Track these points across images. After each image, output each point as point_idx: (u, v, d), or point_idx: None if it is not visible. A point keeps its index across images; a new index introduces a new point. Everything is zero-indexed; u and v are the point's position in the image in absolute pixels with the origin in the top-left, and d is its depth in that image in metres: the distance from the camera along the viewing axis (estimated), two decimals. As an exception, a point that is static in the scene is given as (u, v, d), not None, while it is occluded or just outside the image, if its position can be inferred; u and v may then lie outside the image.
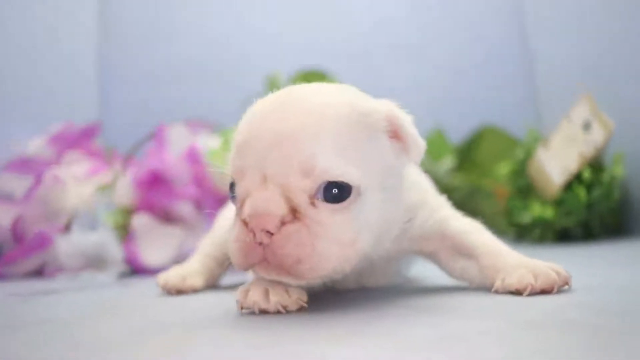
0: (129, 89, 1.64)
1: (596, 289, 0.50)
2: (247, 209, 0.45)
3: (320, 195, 0.45)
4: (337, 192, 0.46)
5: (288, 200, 0.45)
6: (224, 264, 0.76)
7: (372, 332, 0.39)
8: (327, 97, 0.49)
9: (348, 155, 0.46)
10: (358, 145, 0.47)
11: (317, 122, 0.46)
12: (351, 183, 0.46)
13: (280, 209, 0.44)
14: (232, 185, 0.49)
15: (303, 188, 0.45)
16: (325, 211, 0.46)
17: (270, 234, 0.45)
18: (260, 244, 0.45)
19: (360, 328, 0.40)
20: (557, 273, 0.49)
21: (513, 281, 0.49)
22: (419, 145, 0.50)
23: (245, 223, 0.46)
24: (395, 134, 0.49)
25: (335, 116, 0.47)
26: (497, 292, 0.50)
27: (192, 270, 0.71)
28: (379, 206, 0.48)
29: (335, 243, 0.46)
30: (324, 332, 0.40)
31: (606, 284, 0.54)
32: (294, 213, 0.45)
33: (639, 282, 0.56)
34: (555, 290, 0.48)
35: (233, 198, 0.49)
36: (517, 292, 0.48)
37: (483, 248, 0.54)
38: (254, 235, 0.45)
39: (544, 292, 0.48)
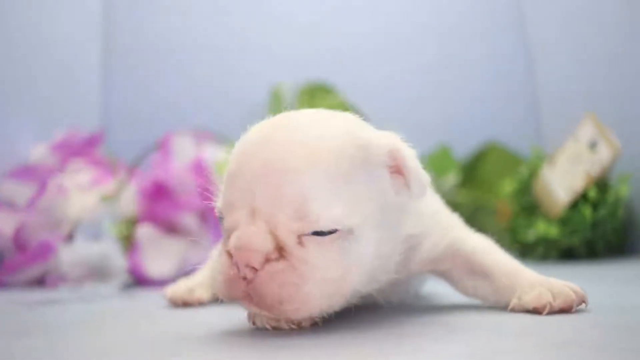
0: (133, 98, 1.64)
1: (609, 308, 0.50)
2: (232, 241, 0.44)
3: (309, 233, 0.44)
4: (326, 232, 0.44)
5: (275, 237, 0.44)
6: None
7: (392, 351, 0.39)
8: (324, 128, 0.47)
9: (340, 194, 0.44)
10: (354, 182, 0.45)
11: (310, 156, 0.44)
12: (342, 228, 0.44)
13: (265, 245, 0.43)
14: (221, 217, 0.48)
15: (292, 229, 0.44)
16: (313, 249, 0.44)
17: (254, 269, 0.43)
18: (244, 278, 0.44)
19: (379, 347, 0.40)
20: (575, 292, 0.48)
21: (531, 300, 0.48)
22: (422, 181, 0.48)
23: (230, 255, 0.45)
24: (397, 169, 0.48)
25: (330, 150, 0.45)
26: (513, 310, 0.50)
27: (199, 283, 0.71)
28: (374, 244, 0.46)
29: (323, 283, 0.44)
30: (340, 350, 0.39)
31: (618, 303, 0.54)
32: (280, 250, 0.44)
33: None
34: (573, 309, 0.48)
35: (222, 228, 0.48)
36: (535, 311, 0.48)
37: (498, 267, 0.53)
38: (238, 269, 0.44)
39: (562, 311, 0.47)
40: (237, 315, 0.55)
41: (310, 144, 0.45)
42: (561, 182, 1.13)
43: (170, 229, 1.06)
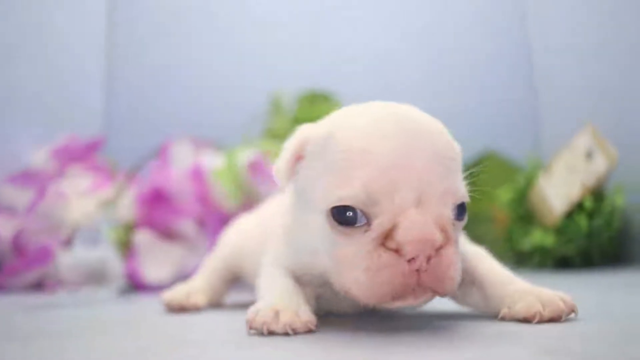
0: (132, 107, 1.65)
1: (602, 317, 0.51)
2: (405, 237, 0.43)
3: (455, 214, 0.46)
4: (462, 210, 0.47)
5: (438, 222, 0.45)
6: (228, 282, 0.77)
7: (384, 357, 0.39)
8: (435, 121, 0.50)
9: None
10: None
11: (451, 147, 0.48)
12: (467, 201, 0.48)
13: (437, 233, 0.44)
14: (345, 210, 0.46)
15: (449, 211, 0.46)
16: (457, 230, 0.48)
17: (428, 259, 0.44)
18: (417, 270, 0.44)
19: (373, 352, 0.40)
20: (564, 301, 0.49)
21: (521, 309, 0.49)
22: None
23: (395, 251, 0.44)
24: None
25: (452, 141, 0.49)
26: (503, 319, 0.50)
27: (196, 288, 0.72)
28: None
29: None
30: (333, 355, 0.40)
31: (610, 313, 0.54)
32: (446, 235, 0.45)
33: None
34: (563, 318, 0.48)
35: (347, 224, 0.46)
36: (525, 320, 0.48)
37: (489, 276, 0.54)
38: (414, 261, 0.44)
39: (552, 320, 0.48)
40: (233, 320, 0.55)
41: (446, 137, 0.49)
42: (557, 192, 1.14)
43: (168, 234, 1.06)
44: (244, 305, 0.52)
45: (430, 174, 0.45)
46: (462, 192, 0.47)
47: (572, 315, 0.49)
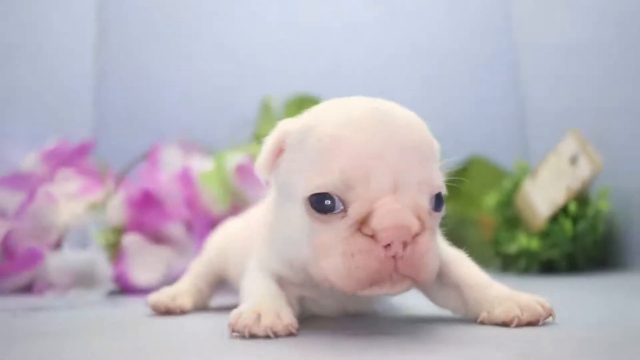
0: (123, 109, 1.65)
1: (581, 321, 0.52)
2: (381, 223, 0.44)
3: (432, 205, 0.48)
4: (440, 202, 0.49)
5: (415, 210, 0.46)
6: (214, 285, 0.77)
7: (361, 357, 0.40)
8: (413, 114, 0.51)
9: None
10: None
11: (427, 137, 0.49)
12: (444, 192, 0.49)
13: (414, 219, 0.45)
14: (323, 198, 0.47)
15: (426, 199, 0.47)
16: (435, 220, 0.49)
17: (404, 245, 0.45)
18: (394, 256, 0.45)
19: (351, 355, 0.41)
20: (542, 306, 0.50)
21: (499, 314, 0.50)
22: None
23: (371, 237, 0.45)
24: None
25: (426, 130, 0.50)
26: (482, 323, 0.51)
27: (181, 291, 0.72)
28: None
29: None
30: (313, 357, 0.40)
31: (591, 316, 0.55)
32: (422, 223, 0.46)
33: (623, 314, 0.57)
34: (540, 322, 0.49)
35: (323, 212, 0.47)
36: (504, 325, 0.49)
37: (469, 280, 0.54)
38: (390, 247, 0.44)
39: (530, 324, 0.49)
40: (216, 323, 0.56)
41: (420, 127, 0.50)
42: (542, 196, 1.15)
43: (157, 238, 1.07)
44: (229, 309, 0.52)
45: (405, 163, 0.46)
46: (438, 182, 0.48)
47: (550, 319, 0.50)
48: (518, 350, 0.40)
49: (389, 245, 0.44)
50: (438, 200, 0.48)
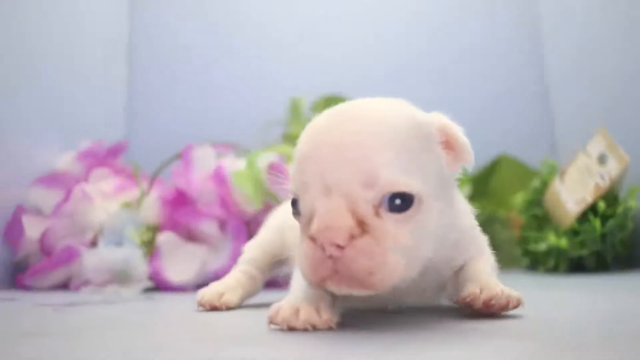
0: (155, 112, 1.68)
1: (605, 316, 0.52)
2: (315, 225, 0.45)
3: (385, 206, 0.46)
4: (400, 203, 0.46)
5: (354, 212, 0.45)
6: (267, 270, 0.76)
7: (400, 351, 0.41)
8: (386, 109, 0.50)
9: (409, 166, 0.47)
10: (417, 155, 0.48)
11: (377, 132, 0.47)
12: (413, 193, 0.46)
13: (347, 221, 0.44)
14: (294, 202, 0.49)
15: (367, 199, 0.45)
16: (390, 221, 0.46)
17: (340, 248, 0.45)
18: (330, 257, 0.45)
19: (392, 347, 0.42)
20: (509, 294, 0.51)
21: (463, 294, 0.52)
22: (470, 152, 0.51)
23: (313, 239, 0.46)
24: (448, 144, 0.51)
25: (395, 127, 0.47)
26: (457, 303, 0.54)
27: (229, 287, 0.71)
28: (437, 214, 0.49)
29: (402, 252, 0.46)
30: (350, 350, 0.41)
31: (619, 312, 0.56)
32: (362, 225, 0.45)
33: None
34: (493, 302, 0.51)
35: (296, 214, 0.49)
36: (467, 305, 0.52)
37: (469, 274, 0.56)
38: (324, 249, 0.45)
39: (486, 304, 0.51)
40: (260, 319, 0.57)
41: (376, 122, 0.47)
42: (571, 194, 1.15)
43: (190, 236, 1.08)
44: (269, 306, 0.53)
45: (337, 163, 0.46)
46: (389, 181, 0.45)
47: (520, 307, 0.52)
48: (542, 341, 0.41)
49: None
50: (398, 201, 0.46)
